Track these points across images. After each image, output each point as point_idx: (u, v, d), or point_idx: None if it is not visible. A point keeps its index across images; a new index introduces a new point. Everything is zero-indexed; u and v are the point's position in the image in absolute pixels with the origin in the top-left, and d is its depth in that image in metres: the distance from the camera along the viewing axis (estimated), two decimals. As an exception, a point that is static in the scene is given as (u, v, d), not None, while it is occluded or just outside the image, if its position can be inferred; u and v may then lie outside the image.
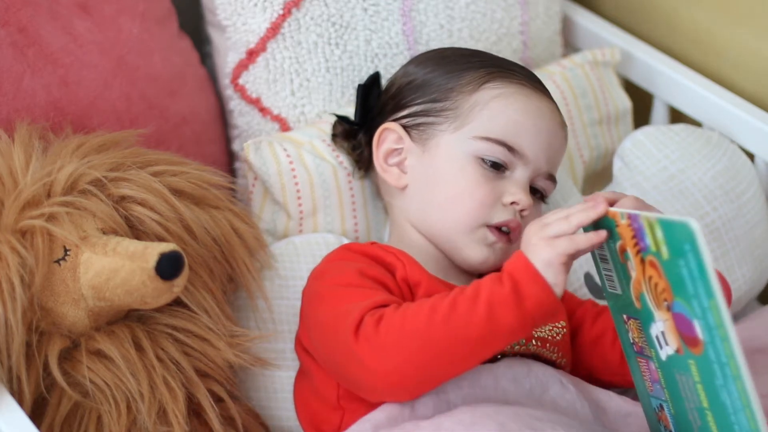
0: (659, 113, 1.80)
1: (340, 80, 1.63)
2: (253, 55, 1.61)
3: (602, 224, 1.25)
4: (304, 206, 1.55)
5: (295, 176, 1.54)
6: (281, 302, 1.49)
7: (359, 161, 1.56)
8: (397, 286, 1.38)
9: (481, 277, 1.32)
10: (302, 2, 1.61)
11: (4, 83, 1.44)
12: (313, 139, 1.58)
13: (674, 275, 1.15)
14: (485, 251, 1.43)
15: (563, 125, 1.48)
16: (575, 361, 1.46)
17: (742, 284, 1.62)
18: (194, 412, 1.39)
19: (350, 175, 1.57)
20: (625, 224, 1.20)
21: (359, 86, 1.56)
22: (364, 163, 1.56)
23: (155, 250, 1.30)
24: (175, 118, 1.60)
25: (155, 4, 1.61)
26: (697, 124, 1.74)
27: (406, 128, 1.48)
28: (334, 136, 1.58)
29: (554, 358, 1.41)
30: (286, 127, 1.63)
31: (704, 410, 1.19)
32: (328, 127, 1.59)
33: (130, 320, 1.38)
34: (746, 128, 1.67)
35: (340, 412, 1.37)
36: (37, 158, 1.35)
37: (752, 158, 1.68)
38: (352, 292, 1.34)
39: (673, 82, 1.75)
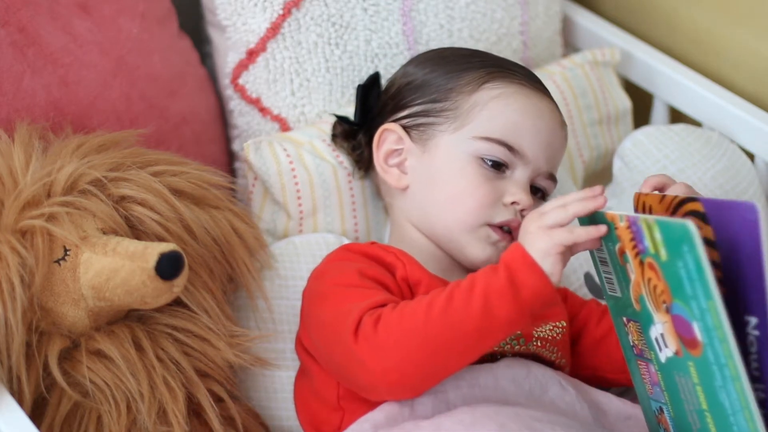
0: (659, 113, 1.80)
1: (340, 80, 1.63)
2: (253, 55, 1.61)
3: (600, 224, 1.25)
4: (304, 206, 1.55)
5: (295, 176, 1.54)
6: (281, 302, 1.49)
7: (359, 161, 1.56)
8: (397, 285, 1.38)
9: None
10: (302, 2, 1.61)
11: (4, 83, 1.44)
12: (313, 139, 1.58)
13: (673, 277, 1.15)
14: (489, 249, 1.43)
15: (563, 125, 1.48)
16: (579, 359, 1.46)
17: (742, 284, 1.62)
18: (194, 412, 1.39)
19: (350, 175, 1.57)
20: (623, 226, 1.20)
21: (359, 87, 1.56)
22: (364, 163, 1.56)
23: (155, 250, 1.30)
24: (175, 118, 1.60)
25: (155, 4, 1.61)
26: (697, 124, 1.74)
27: (406, 129, 1.48)
28: (334, 136, 1.58)
29: (554, 358, 1.41)
30: (286, 127, 1.63)
31: (703, 412, 1.19)
32: (328, 127, 1.59)
33: (130, 320, 1.38)
34: (746, 128, 1.67)
35: (340, 412, 1.37)
36: (37, 158, 1.35)
37: (752, 158, 1.68)
38: (351, 292, 1.34)
39: (673, 82, 1.75)
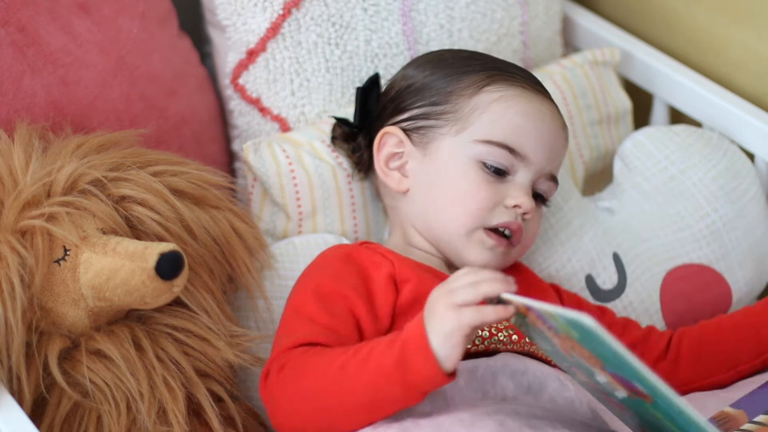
0: (659, 113, 1.80)
1: (340, 80, 1.63)
2: (253, 55, 1.61)
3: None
4: (303, 207, 1.55)
5: (294, 177, 1.54)
6: (281, 302, 1.49)
7: (359, 164, 1.56)
8: (366, 293, 1.37)
9: None
10: (302, 2, 1.61)
11: (4, 83, 1.44)
12: (312, 140, 1.58)
13: (594, 351, 1.12)
14: (485, 255, 1.43)
15: (564, 127, 1.48)
16: None
17: (742, 285, 1.62)
18: (194, 412, 1.39)
19: (350, 176, 1.57)
20: (524, 309, 1.18)
21: (358, 89, 1.55)
22: (363, 165, 1.56)
23: (155, 250, 1.30)
24: (174, 118, 1.60)
25: (155, 4, 1.61)
26: (697, 124, 1.74)
27: (406, 132, 1.48)
28: (333, 138, 1.58)
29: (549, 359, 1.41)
30: (286, 127, 1.63)
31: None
32: (328, 127, 1.59)
33: (129, 320, 1.38)
34: (746, 128, 1.67)
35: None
36: (36, 158, 1.35)
37: (752, 158, 1.68)
38: (294, 320, 1.36)
39: (673, 82, 1.75)
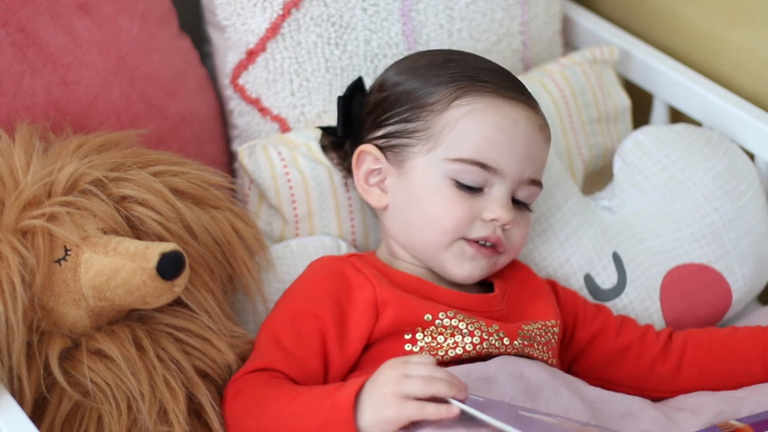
0: (659, 113, 1.80)
1: (340, 80, 1.63)
2: (252, 55, 1.61)
3: None
4: (299, 210, 1.55)
5: (289, 180, 1.54)
6: (279, 305, 1.49)
7: (350, 170, 1.55)
8: (341, 319, 1.37)
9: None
10: (302, 2, 1.61)
11: (4, 83, 1.44)
12: (309, 140, 1.57)
13: None
14: (467, 266, 1.42)
15: (542, 127, 1.45)
16: (591, 371, 1.46)
17: (742, 285, 1.62)
18: (195, 412, 1.39)
19: (345, 177, 1.56)
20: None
21: (339, 98, 1.52)
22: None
23: (156, 249, 1.30)
24: (174, 118, 1.60)
25: (155, 4, 1.61)
26: (696, 123, 1.75)
27: (382, 150, 1.46)
28: (323, 146, 1.57)
29: (545, 358, 1.41)
30: (286, 127, 1.63)
31: None
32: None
33: (130, 320, 1.38)
34: (746, 128, 1.67)
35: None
36: (37, 158, 1.35)
37: (752, 158, 1.68)
38: (264, 341, 1.38)
39: (672, 81, 1.75)
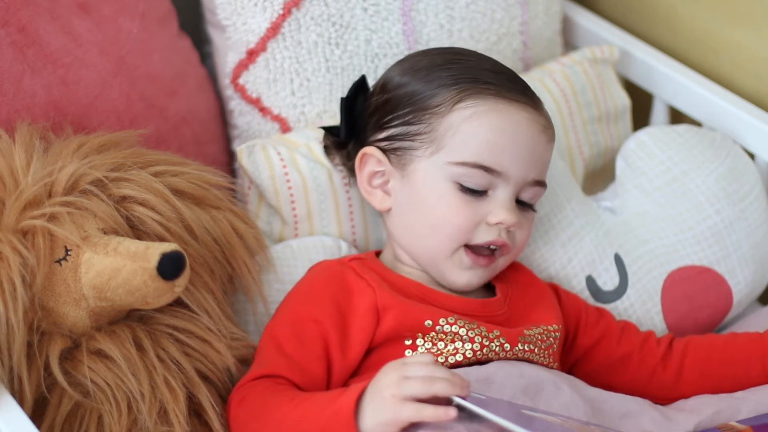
0: (659, 113, 1.80)
1: (340, 80, 1.63)
2: (253, 55, 1.61)
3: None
4: (298, 210, 1.54)
5: (288, 180, 1.54)
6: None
7: (353, 171, 1.54)
8: (342, 324, 1.37)
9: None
10: (302, 2, 1.60)
11: (4, 83, 1.44)
12: (310, 141, 1.57)
13: None
14: (466, 275, 1.42)
15: (546, 127, 1.45)
16: (592, 376, 1.46)
17: (743, 287, 1.62)
18: (195, 412, 1.39)
19: (345, 177, 1.56)
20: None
21: (342, 99, 1.52)
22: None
23: (157, 250, 1.30)
24: (174, 118, 1.60)
25: (155, 4, 1.61)
26: (696, 124, 1.75)
27: (385, 152, 1.46)
28: (326, 147, 1.56)
29: (546, 362, 1.41)
30: (286, 127, 1.63)
31: None
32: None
33: (131, 320, 1.38)
34: (746, 128, 1.67)
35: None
36: (38, 158, 1.35)
37: (752, 158, 1.68)
38: (267, 347, 1.38)
39: (673, 81, 1.75)
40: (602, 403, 1.36)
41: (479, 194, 1.40)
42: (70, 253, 1.32)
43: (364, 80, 1.54)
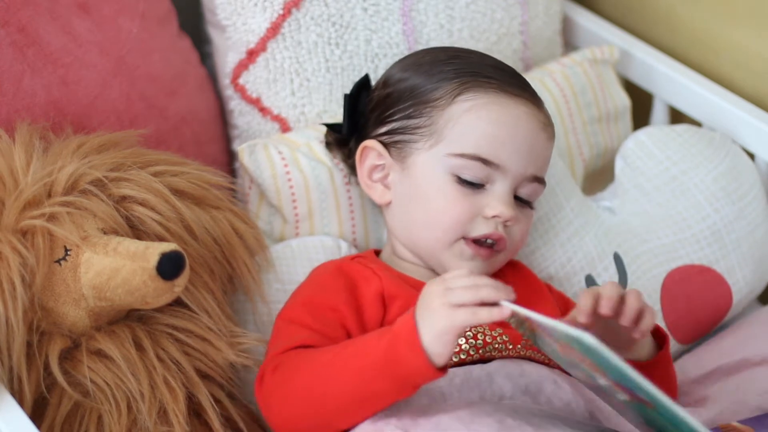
0: (659, 113, 1.80)
1: (340, 80, 1.63)
2: (253, 55, 1.61)
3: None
4: (299, 209, 1.55)
5: (289, 179, 1.54)
6: (279, 306, 1.48)
7: (354, 168, 1.55)
8: (356, 307, 1.37)
9: None
10: (302, 2, 1.61)
11: (4, 83, 1.44)
12: (310, 140, 1.57)
13: (595, 360, 1.12)
14: (467, 266, 1.41)
15: (546, 125, 1.45)
16: None
17: (742, 286, 1.62)
18: (195, 412, 1.39)
19: (346, 176, 1.56)
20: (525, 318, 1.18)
21: (346, 96, 1.52)
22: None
23: (156, 249, 1.30)
24: (174, 118, 1.60)
25: (155, 4, 1.61)
26: (696, 124, 1.75)
27: (386, 145, 1.46)
28: (328, 144, 1.57)
29: (547, 361, 1.40)
30: (286, 127, 1.63)
31: None
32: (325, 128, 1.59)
33: (130, 320, 1.38)
34: (746, 128, 1.67)
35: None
36: (37, 158, 1.35)
37: (752, 158, 1.69)
38: (285, 328, 1.36)
39: (672, 81, 1.75)
40: (602, 402, 1.36)
41: (476, 187, 1.40)
42: (69, 253, 1.32)
43: (367, 78, 1.54)
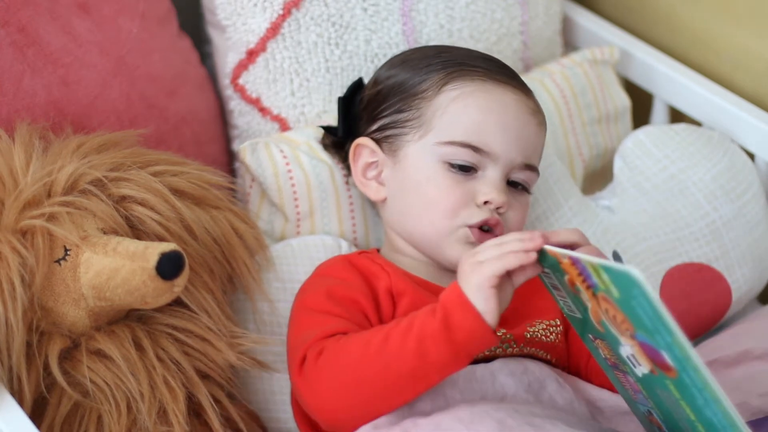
0: (659, 113, 1.80)
1: (340, 80, 1.63)
2: (253, 55, 1.61)
3: (544, 260, 1.22)
4: (301, 208, 1.55)
5: (291, 178, 1.54)
6: (279, 305, 1.49)
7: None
8: (373, 298, 1.37)
9: None
10: (302, 2, 1.61)
11: (4, 83, 1.44)
12: (310, 139, 1.57)
13: (630, 312, 1.12)
14: (467, 251, 1.42)
15: (535, 111, 1.45)
16: (576, 365, 1.46)
17: (742, 284, 1.62)
18: (194, 412, 1.39)
19: (346, 176, 1.57)
20: (568, 263, 1.18)
21: (339, 99, 1.53)
22: None
23: (156, 249, 1.30)
24: (174, 118, 1.60)
25: (155, 4, 1.61)
26: (697, 124, 1.75)
27: (377, 142, 1.47)
28: (325, 146, 1.57)
29: (549, 358, 1.41)
30: (286, 127, 1.63)
31: (693, 422, 1.17)
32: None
33: (130, 320, 1.38)
34: (746, 128, 1.67)
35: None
36: (37, 158, 1.35)
37: (752, 158, 1.68)
38: (312, 318, 1.35)
39: (672, 81, 1.75)
40: (604, 401, 1.36)
41: (468, 171, 1.41)
42: (69, 253, 1.32)
43: (361, 81, 1.55)
